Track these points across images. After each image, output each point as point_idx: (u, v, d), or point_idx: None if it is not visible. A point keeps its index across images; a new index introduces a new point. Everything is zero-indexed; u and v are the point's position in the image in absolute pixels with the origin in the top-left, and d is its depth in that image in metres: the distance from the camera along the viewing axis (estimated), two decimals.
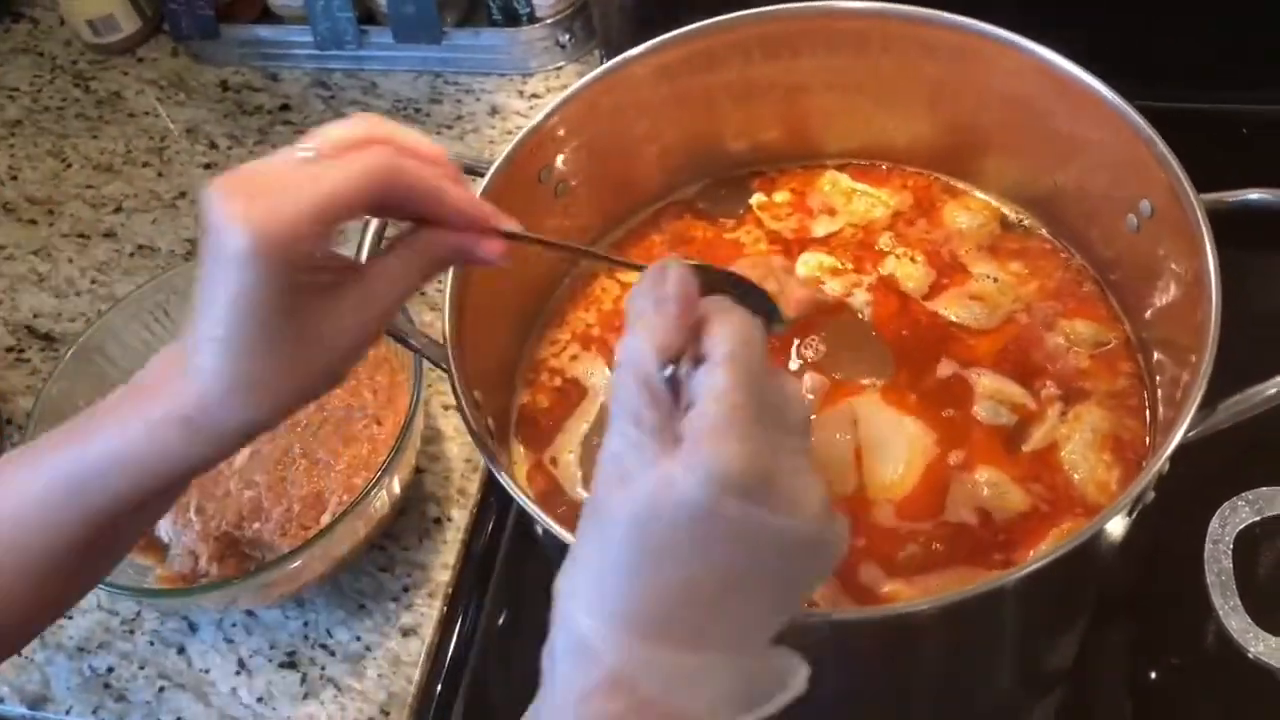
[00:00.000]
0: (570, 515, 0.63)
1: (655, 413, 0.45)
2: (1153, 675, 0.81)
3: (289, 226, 0.47)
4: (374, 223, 0.67)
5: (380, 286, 0.53)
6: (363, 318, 0.53)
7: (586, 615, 0.45)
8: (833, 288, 0.81)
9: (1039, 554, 0.59)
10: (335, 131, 0.52)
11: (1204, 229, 0.63)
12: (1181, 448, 0.61)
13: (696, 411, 0.45)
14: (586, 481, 0.75)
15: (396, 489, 0.88)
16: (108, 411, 0.54)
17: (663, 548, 0.44)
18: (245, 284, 0.48)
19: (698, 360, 0.46)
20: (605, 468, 0.46)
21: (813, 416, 0.48)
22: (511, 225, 0.56)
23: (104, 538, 0.56)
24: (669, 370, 0.46)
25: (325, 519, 0.86)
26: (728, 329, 0.46)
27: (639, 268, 0.54)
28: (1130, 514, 0.62)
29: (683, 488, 0.43)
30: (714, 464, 0.43)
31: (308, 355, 0.51)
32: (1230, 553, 0.74)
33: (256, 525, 0.87)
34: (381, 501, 0.87)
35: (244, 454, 0.90)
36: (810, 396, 0.70)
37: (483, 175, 0.72)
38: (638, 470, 0.44)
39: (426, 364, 0.78)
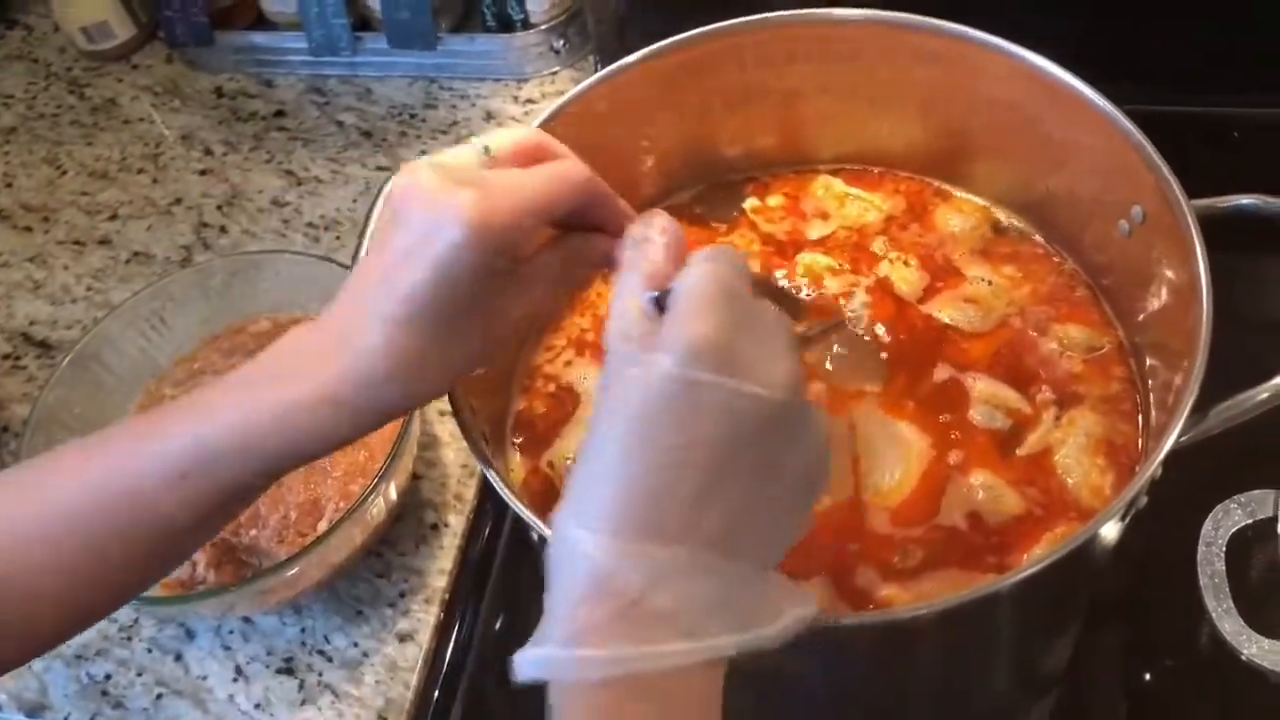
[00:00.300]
0: None
1: (641, 326, 0.49)
2: (1147, 677, 0.82)
3: (510, 219, 0.51)
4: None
5: (542, 282, 0.57)
6: (523, 310, 0.56)
7: (576, 524, 0.47)
8: (829, 290, 0.81)
9: (1034, 558, 0.59)
10: (510, 135, 0.56)
11: (1195, 235, 0.63)
12: (1174, 452, 0.62)
13: (670, 305, 0.49)
14: None
15: (393, 495, 0.88)
16: (234, 390, 0.55)
17: (645, 430, 0.47)
18: (452, 265, 0.50)
19: None
20: (601, 385, 0.49)
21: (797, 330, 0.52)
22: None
23: (215, 517, 0.57)
24: (655, 294, 0.50)
25: (322, 526, 0.87)
26: (706, 250, 0.51)
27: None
28: (1123, 519, 0.62)
29: (659, 365, 0.47)
30: (683, 338, 0.47)
31: (468, 339, 0.54)
32: (1223, 555, 0.75)
33: (253, 532, 0.88)
34: (378, 508, 0.87)
35: None
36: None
37: None
38: (625, 369, 0.48)
39: None
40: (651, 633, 0.45)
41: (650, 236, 0.53)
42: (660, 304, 0.50)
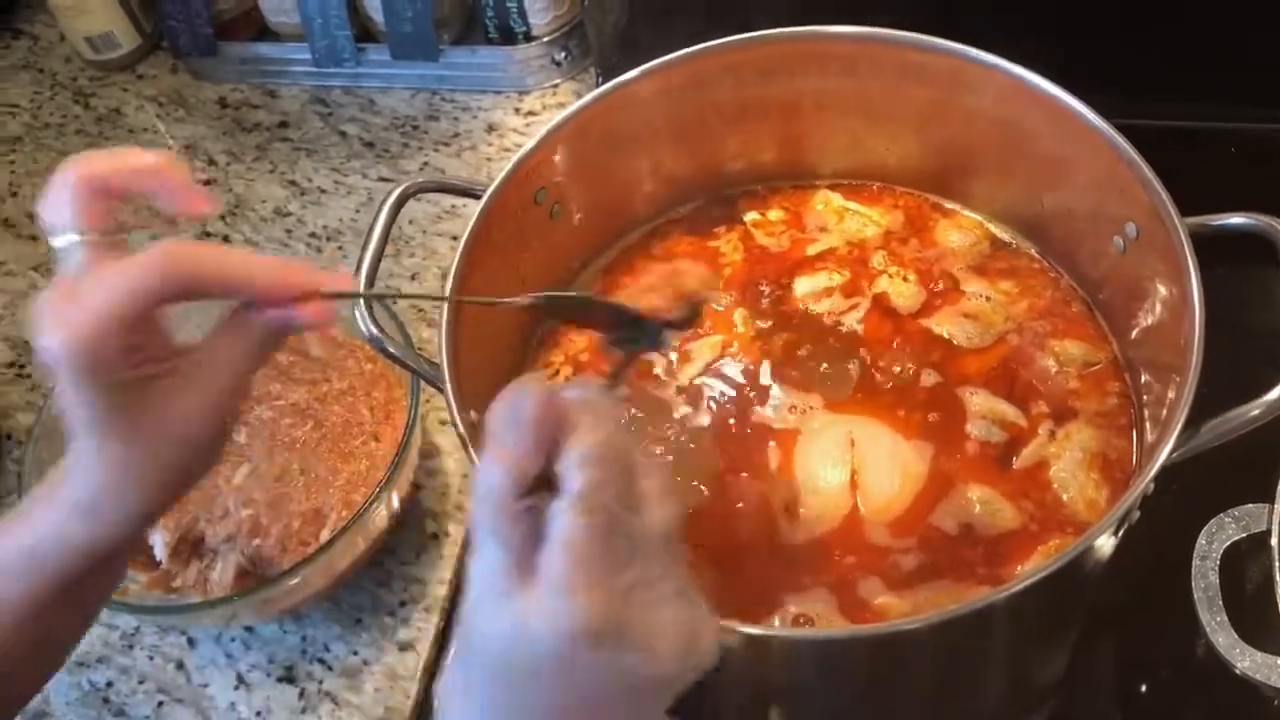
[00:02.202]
0: None
1: (512, 542, 0.45)
2: (1141, 689, 0.82)
3: (87, 337, 0.50)
4: (371, 246, 0.68)
5: (210, 371, 0.55)
6: (202, 401, 0.55)
7: None
8: (826, 306, 0.82)
9: (1028, 571, 0.60)
10: (65, 204, 0.55)
11: (1188, 252, 0.64)
12: (1168, 466, 0.62)
13: (547, 554, 0.45)
14: None
15: (395, 504, 0.89)
16: (35, 500, 0.58)
17: (522, 682, 0.46)
18: (71, 390, 0.51)
19: (555, 482, 0.46)
20: (470, 586, 0.47)
21: (672, 529, 0.47)
22: (335, 284, 0.56)
23: (60, 601, 0.59)
24: (528, 501, 0.46)
25: (325, 535, 0.87)
26: (584, 451, 0.46)
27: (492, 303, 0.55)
28: (1116, 533, 0.63)
29: (536, 633, 0.44)
30: (564, 616, 0.44)
31: (165, 442, 0.54)
32: (1217, 569, 0.75)
33: (256, 541, 0.88)
34: (380, 516, 0.88)
35: (242, 471, 0.91)
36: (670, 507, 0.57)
37: (478, 198, 0.73)
38: (495, 605, 0.45)
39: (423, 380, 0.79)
40: None
41: (520, 420, 0.46)
42: (533, 510, 0.45)
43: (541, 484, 0.46)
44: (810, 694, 0.71)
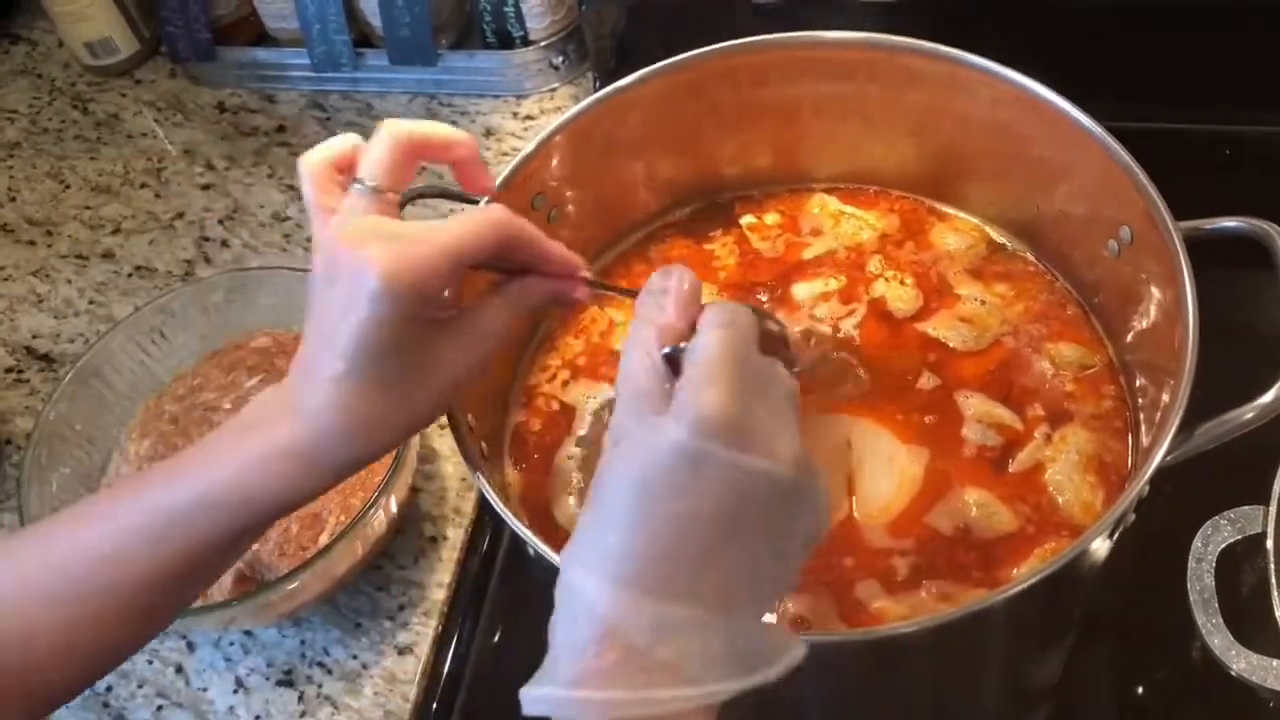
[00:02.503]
0: (563, 538, 0.65)
1: (653, 383, 0.50)
2: (1138, 692, 0.82)
3: (424, 265, 0.53)
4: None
5: (485, 327, 0.59)
6: (468, 357, 0.58)
7: (584, 573, 0.48)
8: (824, 311, 0.82)
9: (1024, 575, 0.60)
10: (378, 157, 0.59)
11: (1181, 256, 0.64)
12: (1164, 469, 0.63)
13: (685, 370, 0.50)
14: (580, 503, 0.76)
15: (394, 508, 0.89)
16: (205, 448, 0.58)
17: (654, 496, 0.47)
18: (377, 319, 0.53)
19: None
20: (610, 437, 0.50)
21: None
22: (590, 273, 0.63)
23: (198, 570, 0.59)
24: (668, 349, 0.51)
25: (323, 539, 0.87)
26: (719, 310, 0.52)
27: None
28: (1111, 536, 0.63)
29: (670, 433, 0.47)
30: (696, 409, 0.47)
31: (417, 390, 0.56)
32: (1213, 571, 0.75)
33: (255, 546, 0.88)
34: (379, 521, 0.88)
35: None
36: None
37: (476, 203, 0.73)
38: (635, 430, 0.49)
39: None
40: (653, 679, 0.47)
41: (667, 288, 0.54)
42: (672, 360, 0.51)
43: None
44: (807, 697, 0.72)
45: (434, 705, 0.89)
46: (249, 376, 0.98)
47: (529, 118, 1.25)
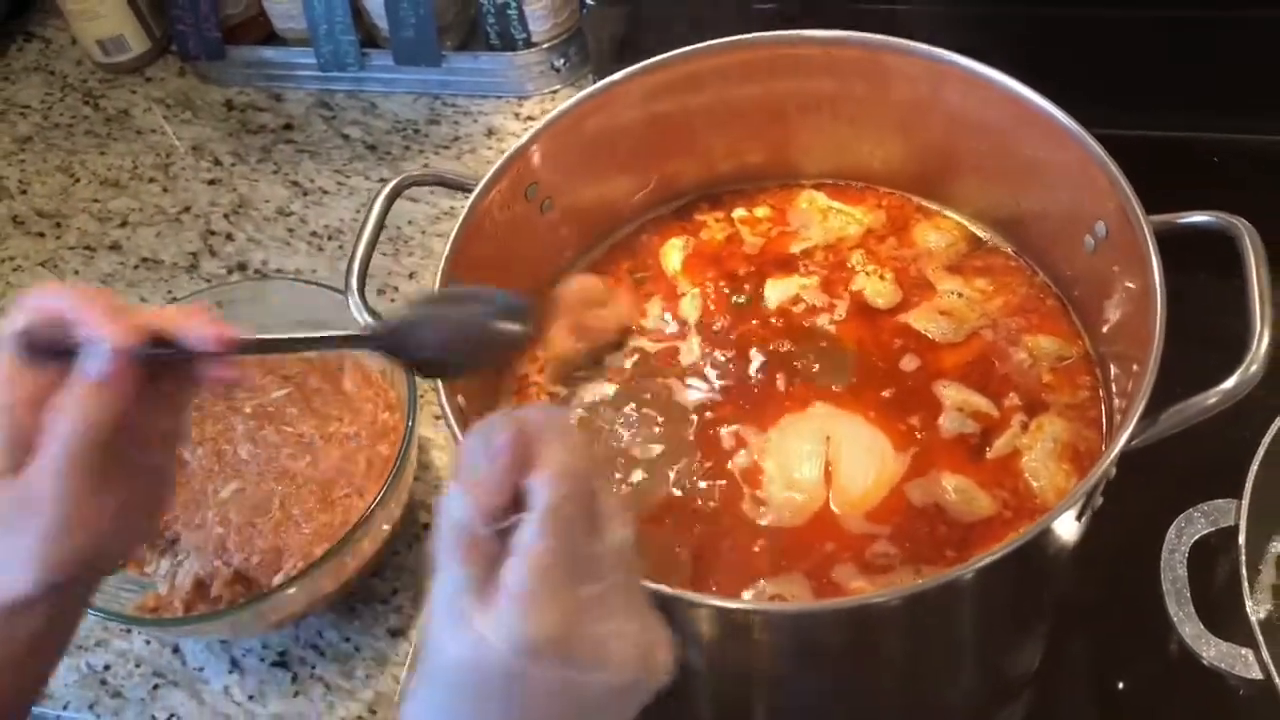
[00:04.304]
0: None
1: (475, 567, 0.47)
2: (1114, 680, 0.84)
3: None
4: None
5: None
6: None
7: None
8: (806, 303, 0.84)
9: (993, 549, 0.61)
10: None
11: (1151, 246, 0.66)
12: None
13: (509, 568, 0.47)
14: None
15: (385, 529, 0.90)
16: None
17: (481, 700, 0.47)
18: None
19: (521, 504, 0.48)
20: (434, 609, 0.49)
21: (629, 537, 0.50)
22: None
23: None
24: (494, 527, 0.48)
25: (277, 579, 0.88)
26: (550, 474, 0.48)
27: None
28: (1080, 516, 0.64)
29: (493, 649, 0.45)
30: (520, 629, 0.45)
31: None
32: (1185, 562, 0.77)
33: (216, 563, 0.89)
34: (373, 536, 0.89)
35: (230, 487, 0.94)
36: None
37: (470, 191, 0.76)
38: (456, 625, 0.47)
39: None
40: None
41: (491, 452, 0.49)
42: (501, 532, 0.48)
43: (510, 510, 0.48)
44: (788, 680, 0.73)
45: None
46: (281, 386, 0.99)
47: (530, 118, 1.27)
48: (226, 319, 0.88)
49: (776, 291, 0.85)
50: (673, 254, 0.89)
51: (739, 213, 0.90)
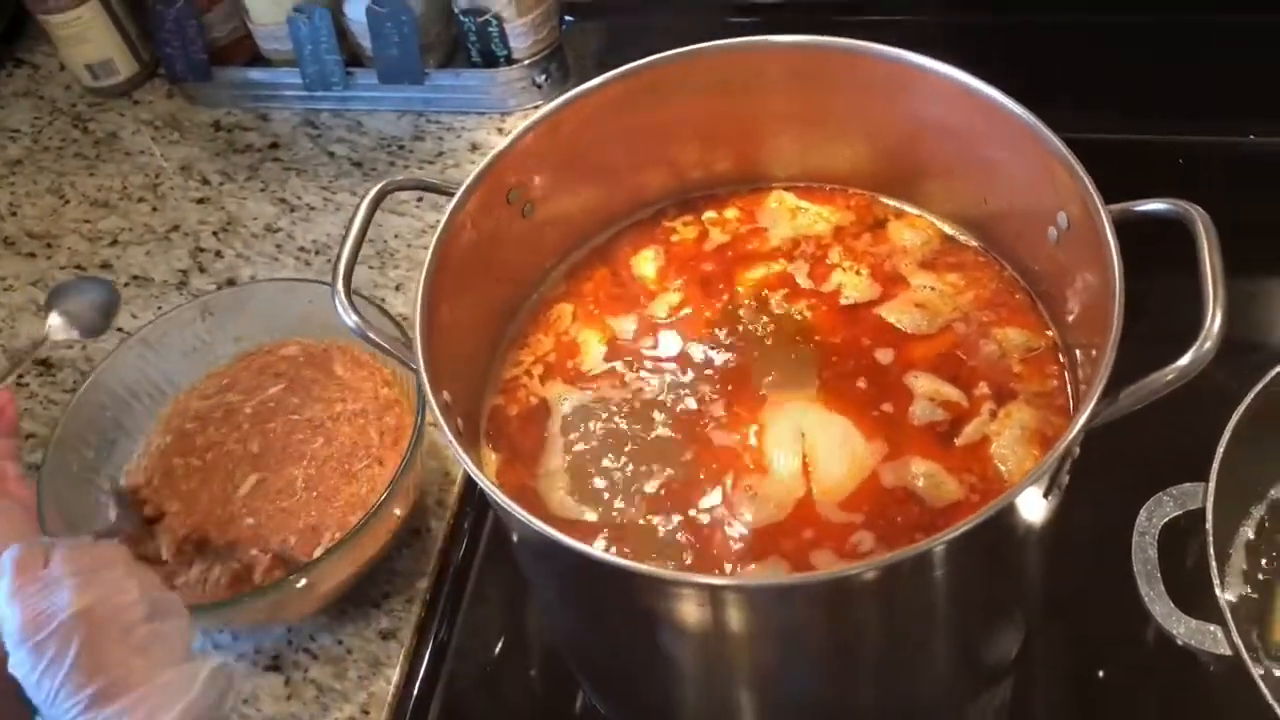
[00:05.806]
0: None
1: None
2: (1091, 664, 0.86)
3: None
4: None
5: None
6: None
7: None
8: (779, 298, 0.86)
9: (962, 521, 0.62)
10: None
11: (1109, 233, 0.68)
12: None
13: None
14: (571, 491, 0.79)
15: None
16: None
17: None
18: None
19: None
20: None
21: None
22: None
23: None
24: None
25: (318, 552, 0.91)
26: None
27: None
28: (1046, 494, 0.66)
29: None
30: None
31: None
32: (1155, 544, 0.79)
33: (254, 551, 0.92)
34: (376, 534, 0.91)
35: (250, 482, 0.96)
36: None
37: (452, 195, 0.78)
38: None
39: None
40: None
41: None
42: None
43: None
44: (766, 667, 0.75)
45: (416, 688, 0.92)
46: (275, 383, 1.02)
47: None
48: (211, 328, 0.92)
49: (749, 288, 0.87)
50: (644, 264, 0.91)
51: (709, 214, 0.92)
